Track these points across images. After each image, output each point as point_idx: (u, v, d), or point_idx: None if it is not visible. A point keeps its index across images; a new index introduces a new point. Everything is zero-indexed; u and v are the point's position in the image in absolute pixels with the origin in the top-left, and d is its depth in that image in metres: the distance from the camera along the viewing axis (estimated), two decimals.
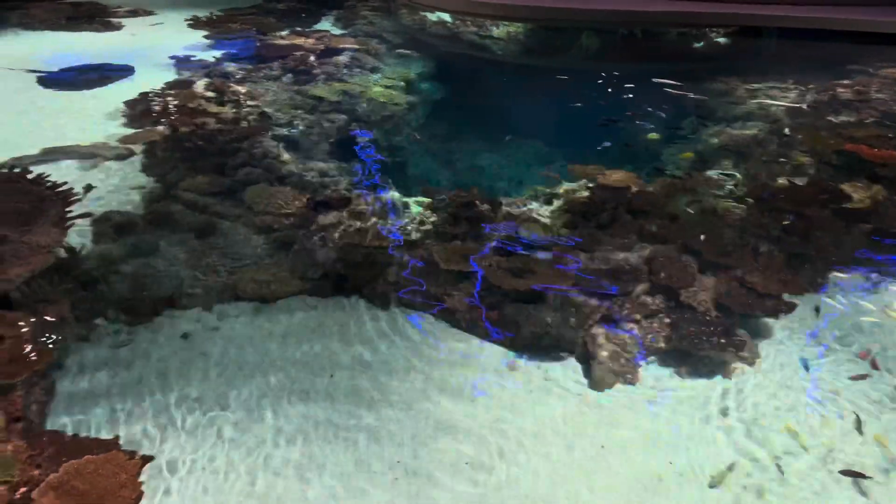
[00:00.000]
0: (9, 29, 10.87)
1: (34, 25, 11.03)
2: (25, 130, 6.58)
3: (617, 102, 7.62)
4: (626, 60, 10.00)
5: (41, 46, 9.95)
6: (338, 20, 12.00)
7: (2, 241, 4.23)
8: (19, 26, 11.01)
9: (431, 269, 4.60)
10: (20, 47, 9.83)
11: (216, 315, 4.30)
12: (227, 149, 6.26)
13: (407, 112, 7.74)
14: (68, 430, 3.26)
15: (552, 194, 5.63)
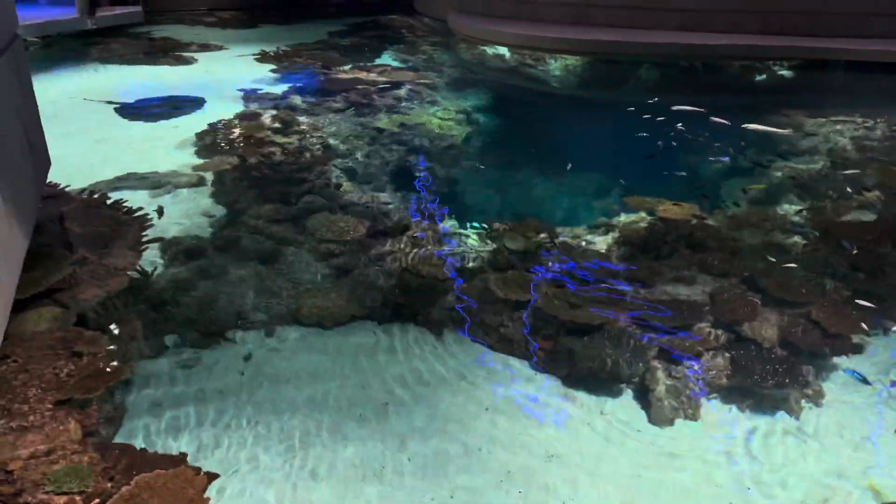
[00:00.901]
0: (90, 63, 11.55)
1: (113, 59, 11.69)
2: (103, 158, 6.94)
3: (675, 135, 7.56)
4: (686, 93, 9.93)
5: (119, 79, 10.53)
6: (398, 55, 12.32)
7: (82, 262, 4.47)
8: (99, 60, 11.69)
9: (487, 297, 4.64)
10: (100, 80, 10.42)
11: (277, 338, 4.41)
12: (291, 178, 6.49)
13: (464, 143, 7.87)
14: (138, 445, 3.39)
15: (610, 225, 5.61)
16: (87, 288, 4.26)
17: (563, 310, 4.37)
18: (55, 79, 10.16)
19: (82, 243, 4.85)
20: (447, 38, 13.31)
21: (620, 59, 10.56)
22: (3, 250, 3.52)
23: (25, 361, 3.49)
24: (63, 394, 3.32)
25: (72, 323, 3.97)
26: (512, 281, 4.75)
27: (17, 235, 3.92)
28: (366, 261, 5.11)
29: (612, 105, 9.66)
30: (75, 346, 3.67)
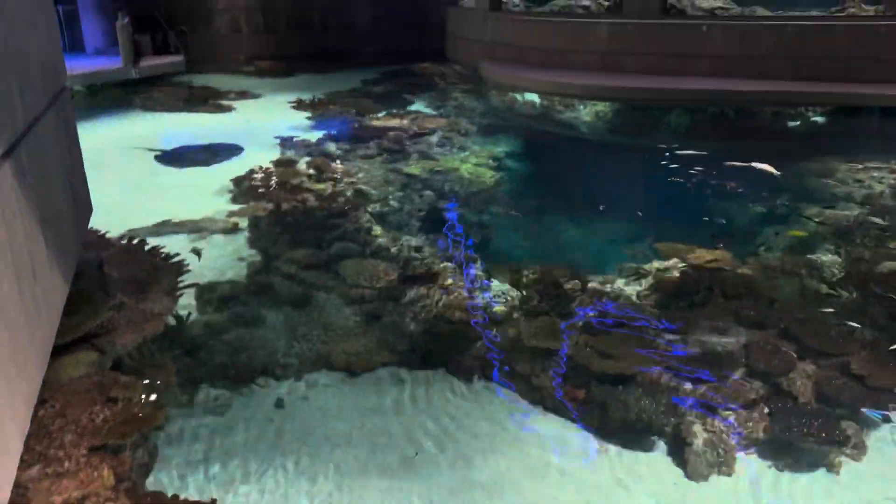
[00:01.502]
0: (133, 111, 12.00)
1: (155, 107, 12.13)
2: (143, 204, 7.14)
3: (706, 181, 7.54)
4: (717, 139, 9.92)
5: (161, 127, 10.90)
6: (430, 102, 12.56)
7: (120, 307, 4.57)
8: (142, 108, 12.13)
9: (517, 345, 4.62)
10: (143, 127, 10.80)
11: (308, 384, 4.43)
12: (324, 224, 6.59)
13: (494, 188, 7.93)
14: (169, 492, 3.41)
15: (641, 272, 5.57)
16: (124, 333, 4.34)
17: (595, 359, 4.33)
18: (99, 126, 10.55)
19: (120, 288, 4.97)
20: (478, 85, 13.54)
21: (650, 104, 10.61)
22: (45, 297, 3.62)
23: (63, 406, 3.55)
24: (98, 440, 3.36)
25: (108, 368, 4.05)
26: (542, 328, 4.72)
27: (58, 282, 4.04)
28: (396, 306, 5.13)
29: (642, 150, 9.68)
30: (111, 392, 3.73)
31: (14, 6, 3.78)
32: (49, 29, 4.97)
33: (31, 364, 3.17)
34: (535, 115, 11.68)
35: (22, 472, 3.06)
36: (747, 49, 10.61)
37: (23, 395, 2.97)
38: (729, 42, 10.73)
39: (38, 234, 3.59)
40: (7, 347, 2.81)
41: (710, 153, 8.03)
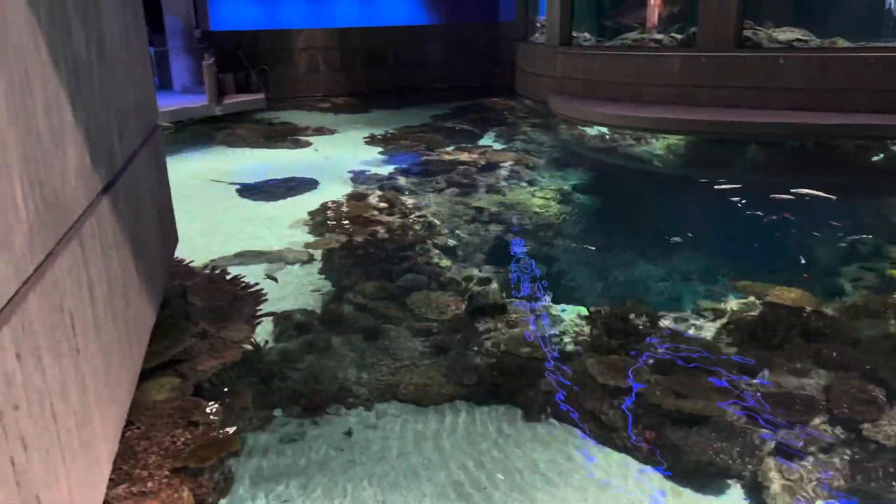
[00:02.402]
0: (217, 146, 12.61)
1: (237, 143, 12.71)
2: (225, 235, 7.48)
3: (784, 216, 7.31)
4: (796, 174, 9.61)
5: (242, 161, 11.41)
6: (499, 136, 12.69)
7: (202, 335, 4.79)
8: (225, 143, 12.74)
9: (586, 382, 4.56)
10: (225, 161, 11.33)
11: (376, 414, 4.50)
12: (394, 256, 6.73)
13: (563, 222, 7.92)
14: None
15: (717, 310, 5.43)
16: (205, 359, 4.54)
17: (668, 398, 4.23)
18: (185, 160, 11.14)
19: (203, 316, 5.20)
20: (547, 119, 13.61)
21: (725, 138, 10.40)
22: (136, 324, 3.85)
23: (148, 428, 3.74)
24: (179, 462, 3.52)
25: (189, 393, 4.23)
26: (613, 365, 4.66)
27: (147, 309, 4.28)
28: (463, 339, 5.17)
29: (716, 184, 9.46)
30: (192, 416, 3.90)
31: (115, 52, 4.09)
32: (144, 71, 5.34)
33: (122, 388, 3.37)
34: (605, 148, 11.63)
35: (109, 489, 3.23)
36: (827, 81, 10.30)
37: (113, 417, 3.16)
38: (808, 74, 10.45)
39: (130, 264, 3.83)
40: (102, 372, 3.00)
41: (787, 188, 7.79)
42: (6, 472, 1.95)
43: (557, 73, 14.33)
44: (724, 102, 11.09)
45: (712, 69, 11.34)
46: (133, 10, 4.91)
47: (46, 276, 2.41)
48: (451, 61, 19.65)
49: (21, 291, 2.19)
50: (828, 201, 6.91)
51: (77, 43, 3.19)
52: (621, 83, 12.58)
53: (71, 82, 3.01)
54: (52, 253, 2.52)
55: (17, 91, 2.35)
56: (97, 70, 3.55)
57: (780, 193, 7.46)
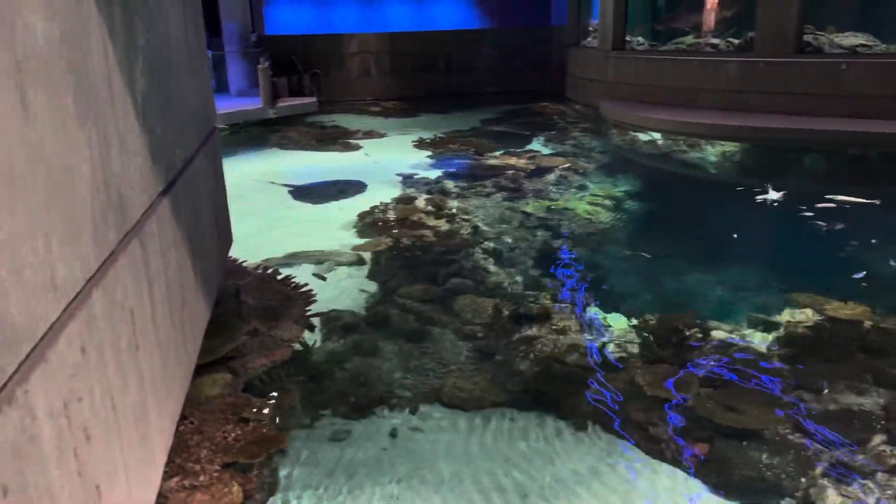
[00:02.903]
0: (270, 148, 12.88)
1: (290, 145, 12.97)
2: (277, 236, 7.64)
3: (842, 227, 7.07)
4: (857, 183, 9.28)
5: (294, 163, 11.63)
6: (548, 141, 12.62)
7: (254, 333, 4.90)
8: (278, 146, 13.00)
9: (634, 392, 4.50)
10: (278, 163, 11.56)
11: (420, 417, 4.52)
12: (440, 259, 6.76)
13: (612, 229, 7.82)
14: None
15: (770, 322, 5.29)
16: (255, 357, 4.65)
17: (718, 411, 4.14)
18: (239, 162, 11.41)
19: (255, 315, 5.32)
20: (598, 124, 13.46)
21: (783, 146, 10.11)
22: (191, 322, 3.96)
23: (200, 423, 3.84)
24: (230, 457, 3.61)
25: (240, 389, 4.34)
26: (662, 376, 4.58)
27: (202, 308, 4.40)
28: (508, 345, 5.16)
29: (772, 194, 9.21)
30: (243, 413, 4.00)
31: (177, 56, 4.23)
32: (204, 75, 5.50)
33: (177, 383, 3.47)
34: (657, 154, 11.45)
35: (163, 482, 3.33)
36: (892, 88, 9.92)
37: (169, 411, 3.26)
38: (872, 81, 10.08)
39: (187, 263, 3.95)
40: (159, 367, 3.10)
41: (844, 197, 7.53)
42: (69, 462, 2.04)
43: (610, 78, 14.17)
44: (783, 109, 10.79)
45: (771, 75, 11.05)
46: (194, 16, 5.06)
47: (109, 274, 2.50)
48: (501, 66, 19.65)
49: (86, 288, 2.29)
50: (887, 212, 6.65)
51: (142, 47, 3.31)
52: (675, 88, 12.37)
53: (135, 86, 3.13)
54: (115, 252, 2.62)
55: (87, 95, 2.45)
56: (160, 75, 3.68)
57: (836, 203, 7.23)
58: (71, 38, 2.33)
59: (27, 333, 1.85)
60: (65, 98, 2.23)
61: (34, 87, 1.98)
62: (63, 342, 2.04)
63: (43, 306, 1.95)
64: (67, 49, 2.29)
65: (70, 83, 2.28)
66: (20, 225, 1.84)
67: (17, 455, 1.73)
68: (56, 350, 1.99)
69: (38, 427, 1.86)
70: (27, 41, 1.96)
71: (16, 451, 1.73)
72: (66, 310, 2.10)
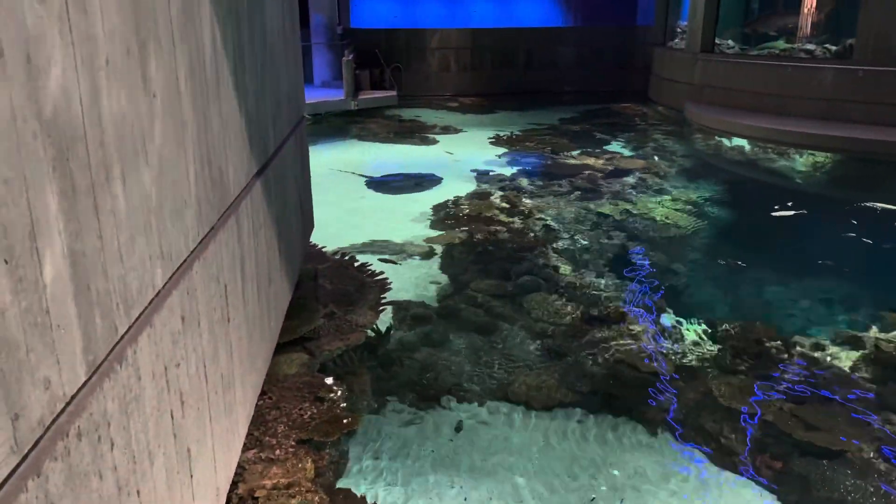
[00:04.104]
0: (350, 139, 13.15)
1: (368, 137, 13.20)
2: (353, 224, 7.81)
3: None
4: None
5: (372, 155, 11.84)
6: (628, 143, 12.39)
7: (330, 316, 5.04)
8: (358, 137, 13.25)
9: (709, 402, 4.39)
10: (357, 154, 11.80)
11: (487, 410, 4.54)
12: (513, 256, 6.76)
13: (692, 235, 7.63)
14: (357, 493, 3.67)
15: (857, 340, 5.05)
16: (331, 340, 4.78)
17: (797, 428, 3.99)
18: (321, 151, 11.70)
19: (332, 299, 5.47)
20: (681, 127, 13.12)
21: (880, 158, 9.61)
22: (276, 301, 4.11)
23: (278, 399, 3.99)
24: (305, 434, 3.73)
25: (316, 370, 4.47)
26: (738, 387, 4.45)
27: (286, 288, 4.56)
28: (579, 346, 5.11)
29: (866, 208, 8.77)
30: (318, 392, 4.12)
31: (274, 45, 4.39)
32: (297, 65, 5.68)
33: (260, 358, 3.62)
34: (743, 161, 11.08)
35: (242, 453, 3.48)
36: None
37: (252, 384, 3.40)
38: None
39: (275, 244, 4.10)
40: (245, 341, 3.23)
41: None
42: (167, 424, 2.16)
43: (696, 81, 13.79)
44: (882, 120, 10.25)
45: (870, 84, 10.50)
46: (290, 6, 5.23)
47: (209, 249, 2.63)
48: (582, 64, 19.39)
49: (188, 260, 2.41)
50: None
51: (244, 35, 3.45)
52: (765, 94, 11.93)
53: (238, 71, 3.27)
54: (215, 228, 2.75)
55: (197, 75, 2.58)
56: (259, 61, 3.83)
57: None
58: (187, 19, 2.46)
59: (139, 298, 1.97)
60: (179, 76, 2.36)
61: (155, 63, 2.11)
62: (167, 309, 2.17)
63: (152, 274, 2.08)
64: (184, 29, 2.42)
65: (183, 62, 2.41)
66: (136, 197, 1.96)
67: (125, 412, 1.86)
68: (160, 316, 2.11)
69: (141, 387, 1.98)
70: (148, 18, 2.08)
71: (123, 408, 1.85)
72: (171, 278, 2.22)
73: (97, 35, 1.71)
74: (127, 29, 1.90)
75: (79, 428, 1.58)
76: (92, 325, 1.67)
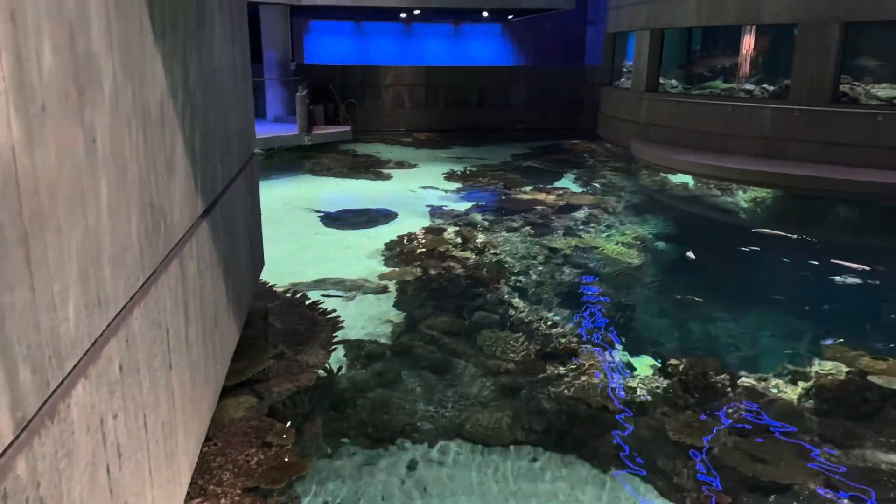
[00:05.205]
0: (303, 174, 13.09)
1: (322, 172, 13.16)
2: (306, 261, 7.72)
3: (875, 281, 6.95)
4: (891, 236, 9.14)
5: (326, 190, 11.79)
6: (578, 178, 12.65)
7: (280, 357, 4.94)
8: (311, 172, 13.20)
9: (658, 438, 4.43)
10: (310, 189, 11.73)
11: (440, 451, 4.48)
12: (466, 292, 6.78)
13: (640, 270, 7.78)
14: None
15: (800, 374, 5.19)
16: (280, 381, 4.68)
17: (745, 462, 4.06)
18: (273, 187, 11.60)
19: (282, 339, 5.37)
20: (628, 164, 13.47)
21: (816, 194, 10.02)
22: (222, 343, 4.02)
23: (224, 445, 3.87)
24: (251, 481, 3.62)
25: (264, 413, 4.36)
26: (687, 423, 4.51)
27: (233, 329, 4.46)
28: (532, 382, 5.12)
29: (804, 243, 9.11)
30: (266, 437, 4.02)
31: (223, 84, 4.36)
32: (247, 102, 5.65)
33: (205, 403, 3.51)
34: (687, 197, 11.41)
35: (185, 503, 3.35)
36: None
37: (195, 431, 3.29)
38: None
39: (221, 285, 4.02)
40: (189, 387, 3.14)
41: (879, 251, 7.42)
42: (102, 479, 2.07)
43: (642, 119, 14.22)
44: (817, 158, 10.72)
45: (805, 123, 11.00)
46: (241, 44, 5.22)
47: (150, 293, 2.56)
48: (534, 102, 19.83)
49: (128, 306, 2.34)
50: None
51: (192, 75, 3.42)
52: (708, 132, 12.37)
53: (184, 111, 3.23)
54: (157, 272, 2.69)
55: (141, 120, 2.54)
56: (207, 101, 3.79)
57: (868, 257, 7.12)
58: (130, 66, 2.43)
59: (73, 349, 1.90)
60: (121, 120, 2.32)
61: (95, 108, 2.07)
62: (104, 359, 2.09)
63: (88, 323, 2.01)
64: (127, 72, 2.38)
65: (125, 106, 2.37)
66: (73, 245, 1.90)
67: (56, 470, 1.77)
68: (97, 366, 2.04)
69: (75, 442, 1.90)
70: (88, 63, 2.05)
71: (55, 466, 1.77)
72: (108, 327, 2.15)
73: (32, 81, 1.67)
74: (65, 74, 1.86)
75: (4, 490, 1.50)
76: (19, 382, 1.60)
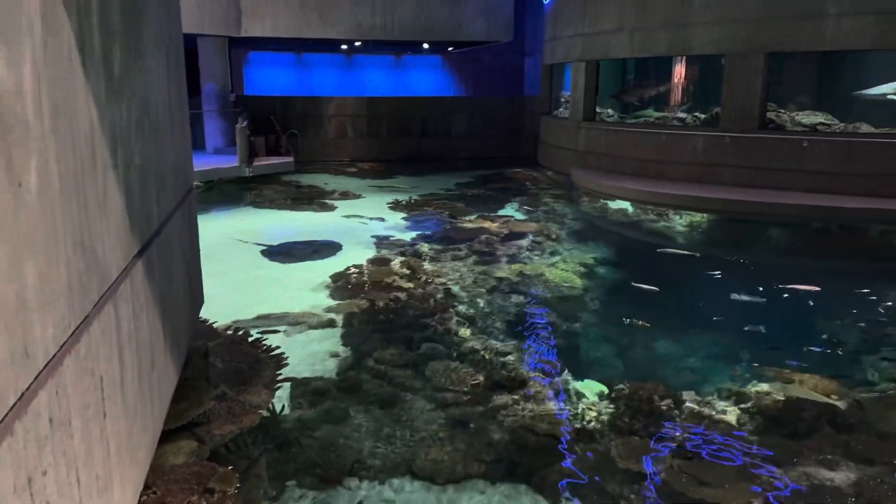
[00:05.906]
0: (244, 206, 12.87)
1: (265, 204, 12.97)
2: (248, 296, 7.55)
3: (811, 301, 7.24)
4: (820, 256, 9.57)
5: (268, 222, 11.61)
6: (521, 206, 12.83)
7: (221, 397, 4.78)
8: (253, 204, 12.99)
9: (606, 463, 4.46)
10: (251, 222, 11.53)
11: (390, 488, 4.40)
12: (414, 323, 6.74)
13: (583, 295, 7.90)
14: None
15: (741, 394, 5.33)
16: (222, 424, 4.52)
17: (691, 485, 4.12)
18: (212, 220, 11.36)
19: (223, 378, 5.21)
20: (569, 191, 13.75)
21: (748, 218, 10.43)
22: (159, 386, 3.87)
23: (163, 494, 3.70)
24: None
25: (206, 457, 4.20)
26: (634, 448, 4.56)
27: (171, 371, 4.30)
28: (481, 413, 5.11)
29: (739, 264, 9.43)
30: (208, 483, 3.86)
31: (158, 119, 4.26)
32: (183, 136, 5.53)
33: (143, 451, 3.36)
34: (626, 223, 11.70)
35: None
36: (851, 165, 10.37)
37: (133, 481, 3.14)
38: (831, 157, 10.54)
39: (158, 326, 3.88)
40: (125, 435, 3.00)
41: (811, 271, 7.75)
42: None
43: (580, 147, 14.58)
44: (748, 182, 11.18)
45: (736, 149, 11.48)
46: (177, 78, 5.13)
47: (82, 340, 2.45)
48: (475, 132, 20.11)
49: (57, 355, 2.23)
50: (853, 287, 6.84)
51: (124, 112, 3.33)
52: (644, 159, 12.76)
53: (117, 149, 3.14)
54: (89, 317, 2.57)
55: (71, 161, 2.45)
56: (142, 137, 3.70)
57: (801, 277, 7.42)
58: (60, 104, 2.35)
59: None
60: (49, 160, 2.23)
61: (20, 150, 1.98)
62: (31, 413, 1.98)
63: (14, 376, 1.90)
64: (57, 112, 2.30)
65: (53, 147, 2.29)
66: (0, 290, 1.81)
67: None
68: (24, 422, 1.93)
69: None
70: (14, 104, 1.97)
71: None
72: (36, 378, 2.04)
73: None
74: None
75: None
76: None
